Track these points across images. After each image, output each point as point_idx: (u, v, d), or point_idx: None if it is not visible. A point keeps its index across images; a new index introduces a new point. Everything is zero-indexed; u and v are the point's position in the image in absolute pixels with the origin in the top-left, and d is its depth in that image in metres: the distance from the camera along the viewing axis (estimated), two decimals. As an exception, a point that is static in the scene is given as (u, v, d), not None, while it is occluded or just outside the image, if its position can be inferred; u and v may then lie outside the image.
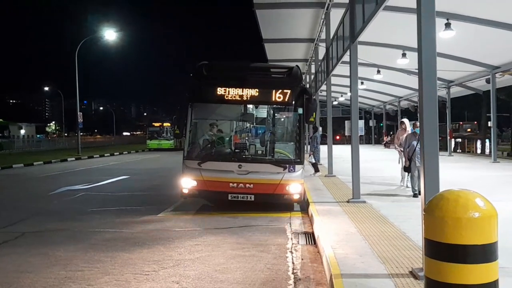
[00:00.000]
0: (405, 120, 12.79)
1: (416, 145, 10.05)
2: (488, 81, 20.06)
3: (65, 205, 11.02)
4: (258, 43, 21.38)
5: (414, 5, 5.07)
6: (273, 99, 9.40)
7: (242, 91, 9.33)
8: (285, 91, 9.29)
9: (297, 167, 9.32)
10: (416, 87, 5.21)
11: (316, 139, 16.30)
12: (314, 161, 15.83)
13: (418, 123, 9.13)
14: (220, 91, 9.35)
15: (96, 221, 8.84)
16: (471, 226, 3.12)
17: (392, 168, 14.28)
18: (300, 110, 9.51)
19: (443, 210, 3.21)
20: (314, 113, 9.82)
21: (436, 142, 4.97)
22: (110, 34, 34.85)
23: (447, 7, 12.59)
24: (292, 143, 10.05)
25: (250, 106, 10.41)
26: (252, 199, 9.24)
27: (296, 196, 9.31)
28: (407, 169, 10.73)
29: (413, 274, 4.77)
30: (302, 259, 6.10)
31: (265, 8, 15.91)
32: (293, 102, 9.44)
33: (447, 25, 13.11)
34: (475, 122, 40.90)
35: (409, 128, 11.94)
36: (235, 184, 9.20)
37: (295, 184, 9.25)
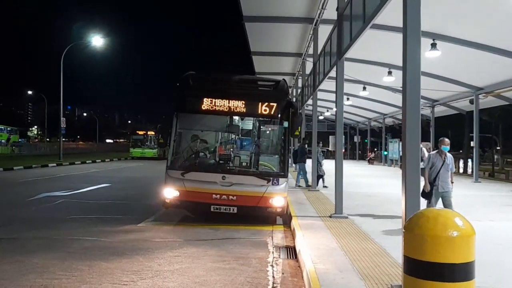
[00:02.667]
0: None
1: (441, 166, 8.25)
2: (471, 101, 20.41)
3: (43, 212, 10.84)
4: (247, 55, 21.50)
5: (401, 24, 5.15)
6: (259, 112, 9.42)
7: (228, 103, 9.34)
8: (271, 104, 9.32)
9: (281, 180, 9.31)
10: (401, 105, 5.27)
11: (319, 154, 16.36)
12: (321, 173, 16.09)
13: (446, 140, 8.41)
14: (205, 102, 9.34)
15: (75, 229, 8.70)
16: (450, 245, 3.14)
17: (375, 184, 14.34)
18: (285, 124, 9.53)
19: (422, 228, 3.23)
20: (299, 127, 9.84)
21: (417, 160, 5.02)
22: (96, 40, 34.68)
23: (434, 27, 12.84)
24: (276, 156, 10.05)
25: (235, 118, 10.39)
26: (235, 211, 9.18)
27: (279, 210, 9.28)
28: (426, 195, 8.28)
29: (392, 291, 4.78)
30: (283, 273, 6.07)
31: (254, 21, 16.02)
32: (279, 116, 9.47)
33: (433, 45, 13.36)
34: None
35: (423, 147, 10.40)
36: (218, 196, 9.14)
37: (278, 197, 9.23)
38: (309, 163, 16.74)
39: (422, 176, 8.41)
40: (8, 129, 54.60)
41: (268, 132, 10.72)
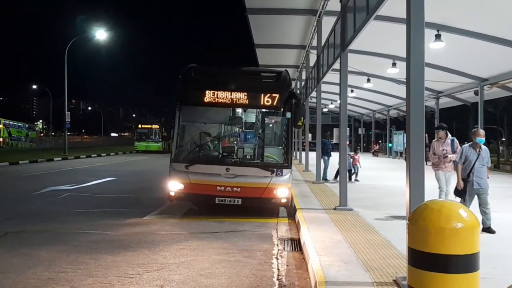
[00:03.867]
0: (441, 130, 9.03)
1: (476, 160, 7.48)
2: (476, 93, 20.31)
3: (49, 206, 10.91)
4: (250, 48, 21.42)
5: (405, 15, 5.12)
6: (262, 103, 9.43)
7: (230, 95, 9.35)
8: (273, 95, 9.33)
9: (285, 171, 9.33)
10: (405, 96, 5.25)
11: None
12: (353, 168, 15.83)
13: (481, 131, 7.71)
14: (208, 94, 9.36)
15: (80, 223, 8.76)
16: (454, 236, 3.15)
17: (380, 177, 14.30)
18: (288, 115, 9.54)
19: (426, 220, 3.23)
20: (302, 118, 9.84)
21: (422, 152, 5.01)
22: (100, 34, 34.63)
23: (438, 18, 12.74)
24: (280, 147, 10.07)
25: (238, 110, 10.40)
26: (239, 202, 9.21)
27: (283, 200, 9.30)
28: (460, 193, 7.63)
29: (397, 283, 4.79)
30: (288, 266, 6.09)
31: (258, 14, 15.94)
32: (282, 107, 9.47)
33: (437, 36, 13.26)
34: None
35: (448, 139, 8.88)
36: (222, 188, 9.17)
37: (282, 188, 9.24)
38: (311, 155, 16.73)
39: (455, 171, 7.90)
40: (27, 126, 56.97)
41: (271, 123, 10.72)
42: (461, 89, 21.95)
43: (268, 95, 9.33)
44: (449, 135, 8.92)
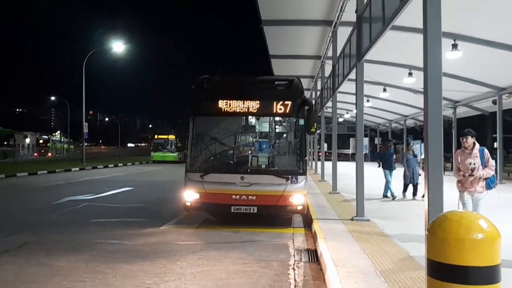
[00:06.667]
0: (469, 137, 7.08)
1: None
2: (494, 102, 20.06)
3: (67, 216, 11.03)
4: (265, 59, 21.53)
5: (421, 25, 5.11)
6: (274, 111, 9.50)
7: (243, 104, 9.42)
8: (286, 102, 9.39)
9: (300, 178, 9.32)
10: (422, 106, 5.23)
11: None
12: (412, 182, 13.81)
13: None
14: (220, 104, 9.45)
15: (98, 233, 8.84)
16: (474, 248, 3.10)
17: (396, 187, 14.15)
18: (301, 121, 9.57)
19: (445, 231, 3.19)
20: (315, 124, 9.85)
21: (440, 162, 4.97)
22: (118, 46, 35.17)
23: (454, 28, 12.66)
24: (294, 154, 10.07)
25: (251, 118, 10.46)
26: (255, 211, 9.21)
27: (299, 208, 9.27)
28: None
29: (415, 295, 4.73)
30: (305, 276, 6.06)
31: (273, 25, 16.03)
32: (294, 114, 9.52)
33: (454, 46, 13.17)
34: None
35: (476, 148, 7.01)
36: (237, 196, 9.18)
37: (297, 195, 9.23)
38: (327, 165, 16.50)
39: (486, 191, 6.79)
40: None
41: (284, 130, 10.75)
42: (478, 99, 21.70)
43: (281, 102, 9.39)
44: (477, 144, 7.02)
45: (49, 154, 53.33)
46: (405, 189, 14.06)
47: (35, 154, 48.83)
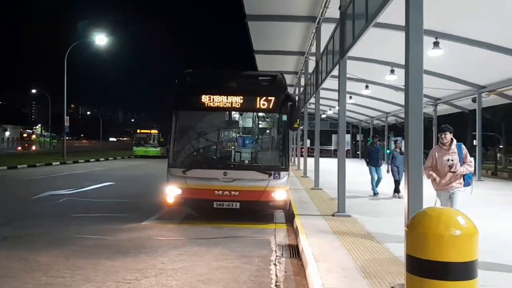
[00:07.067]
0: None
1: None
2: (474, 100, 20.36)
3: (47, 210, 10.90)
4: (249, 54, 21.49)
5: (403, 23, 5.16)
6: (258, 106, 9.52)
7: (226, 99, 9.42)
8: (269, 98, 9.41)
9: (282, 173, 9.35)
10: (403, 103, 5.28)
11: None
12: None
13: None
14: (204, 99, 9.43)
15: (79, 227, 8.75)
16: (452, 243, 3.16)
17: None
18: (284, 117, 9.60)
19: (425, 227, 3.25)
20: (298, 120, 9.89)
21: (420, 159, 5.03)
22: (100, 39, 34.65)
23: (436, 26, 12.81)
24: (276, 150, 10.10)
25: (234, 114, 10.46)
26: (238, 206, 9.22)
27: (281, 203, 9.33)
28: None
29: (394, 290, 4.79)
30: (286, 272, 6.09)
31: (257, 20, 16.00)
32: (278, 109, 9.54)
33: (436, 44, 13.33)
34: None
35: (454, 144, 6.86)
36: (220, 192, 9.18)
37: (280, 191, 9.27)
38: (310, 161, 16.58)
39: (463, 188, 6.64)
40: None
41: (267, 126, 10.78)
42: (459, 96, 22.01)
43: (264, 98, 9.41)
44: (455, 140, 6.88)
45: (33, 148, 52.93)
46: (396, 187, 13.30)
47: (18, 148, 48.13)
